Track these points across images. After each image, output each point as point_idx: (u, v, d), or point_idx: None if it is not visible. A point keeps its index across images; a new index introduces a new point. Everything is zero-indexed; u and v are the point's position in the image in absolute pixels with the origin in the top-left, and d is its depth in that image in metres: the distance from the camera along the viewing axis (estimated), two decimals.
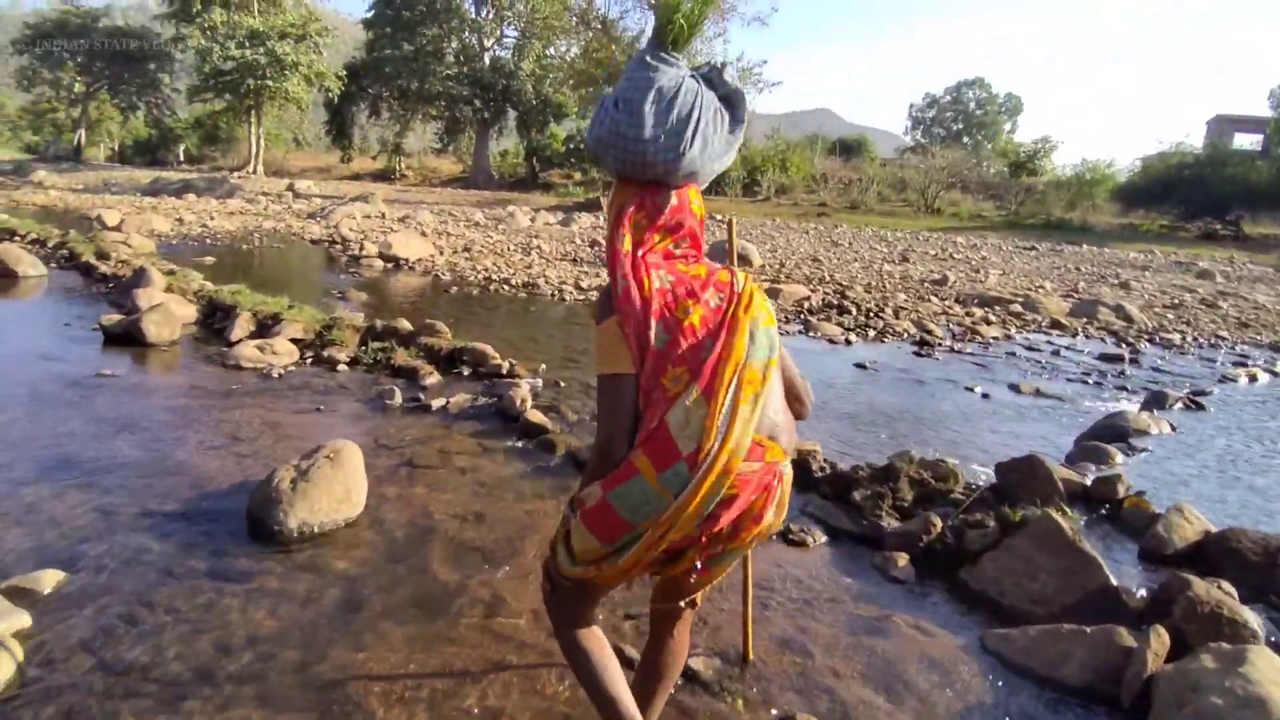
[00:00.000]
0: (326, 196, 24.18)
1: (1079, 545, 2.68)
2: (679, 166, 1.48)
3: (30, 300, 7.12)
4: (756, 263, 12.80)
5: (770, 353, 1.45)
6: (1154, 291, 12.73)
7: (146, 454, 3.49)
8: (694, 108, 1.47)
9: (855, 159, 41.39)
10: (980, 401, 5.54)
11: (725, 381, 1.37)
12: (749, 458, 1.38)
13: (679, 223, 1.53)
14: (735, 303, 1.45)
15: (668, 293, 1.44)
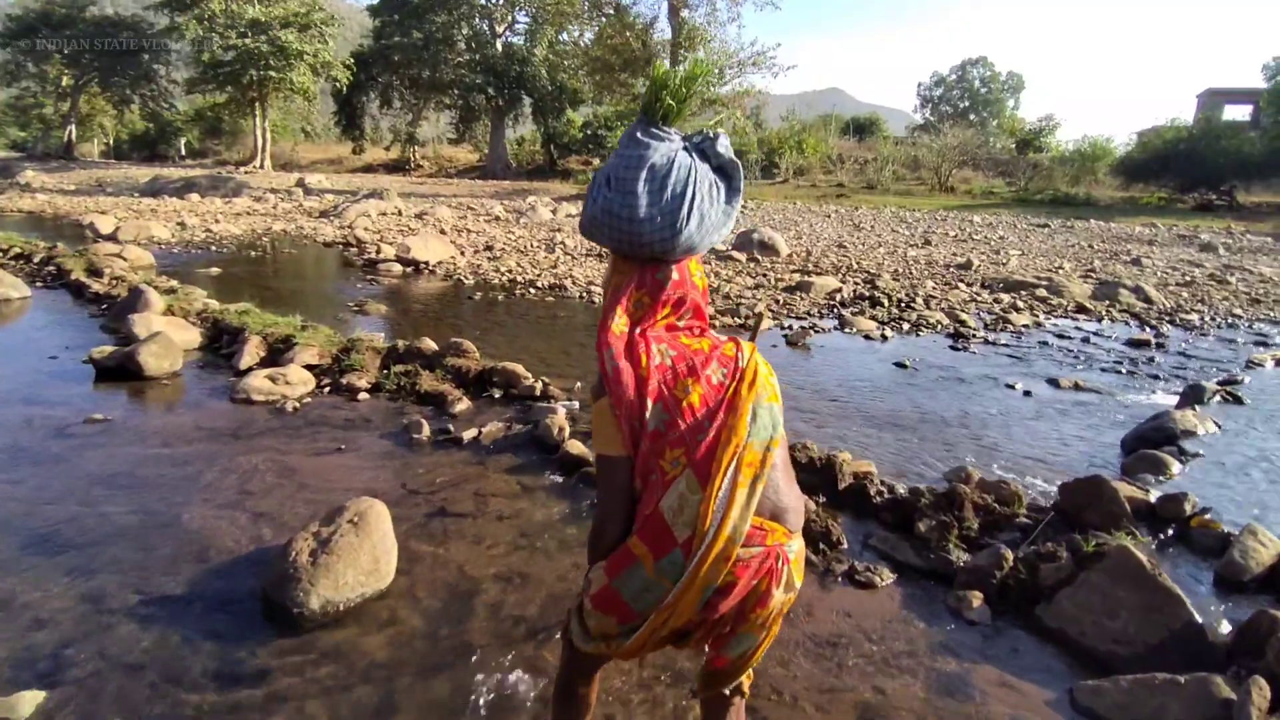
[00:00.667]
0: (339, 192, 23.68)
1: (1160, 580, 2.52)
2: (676, 244, 1.44)
3: (11, 328, 6.42)
4: (784, 252, 12.38)
5: (773, 431, 1.41)
6: (1165, 269, 12.78)
7: (143, 520, 3.06)
8: (688, 184, 1.44)
9: (869, 138, 41.05)
10: (1023, 400, 5.44)
11: (723, 465, 1.33)
12: (748, 542, 1.35)
13: (682, 297, 1.50)
14: (739, 379, 1.42)
15: (668, 369, 1.41)
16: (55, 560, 2.75)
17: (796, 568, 1.44)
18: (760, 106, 36.88)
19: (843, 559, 2.98)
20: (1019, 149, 37.63)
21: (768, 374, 1.47)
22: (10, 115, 46.95)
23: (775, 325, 7.53)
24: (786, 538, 1.41)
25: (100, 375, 4.87)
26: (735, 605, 1.38)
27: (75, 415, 4.18)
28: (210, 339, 5.81)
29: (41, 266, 8.71)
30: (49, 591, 2.56)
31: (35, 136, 46.58)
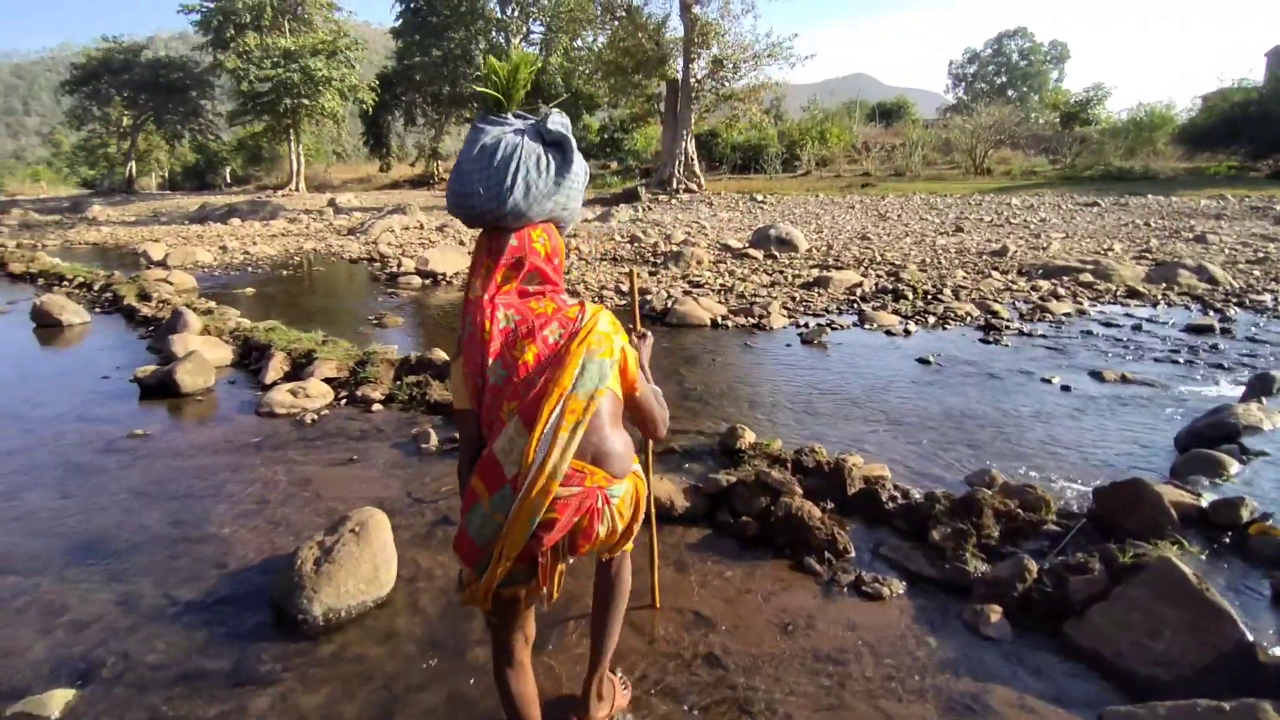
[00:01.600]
0: (366, 209, 24.29)
1: (1206, 595, 2.27)
2: (504, 212, 1.62)
3: (72, 351, 7.04)
4: (803, 247, 12.23)
5: (599, 383, 1.55)
6: (1234, 244, 11.91)
7: (173, 528, 3.30)
8: (512, 159, 1.61)
9: (897, 123, 40.09)
10: (1061, 396, 5.08)
11: (546, 411, 1.49)
12: (567, 482, 1.51)
13: (519, 260, 1.64)
14: (571, 338, 1.57)
15: (510, 331, 1.58)
16: (95, 567, 2.99)
17: (620, 510, 1.64)
18: (780, 98, 36.50)
19: (849, 569, 2.85)
20: (1063, 123, 35.46)
21: (610, 332, 1.62)
22: (80, 156, 50.15)
23: (790, 323, 7.44)
24: (607, 481, 1.59)
25: (144, 393, 5.26)
26: (560, 539, 1.55)
27: (121, 431, 4.53)
28: (241, 355, 6.14)
29: (100, 293, 9.41)
30: (88, 596, 2.77)
31: (102, 174, 49.47)
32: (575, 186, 1.73)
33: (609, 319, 1.66)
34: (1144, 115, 30.54)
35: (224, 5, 35.02)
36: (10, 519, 3.40)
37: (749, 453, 3.79)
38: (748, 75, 25.59)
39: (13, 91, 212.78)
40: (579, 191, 1.76)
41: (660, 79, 26.25)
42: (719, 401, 5.05)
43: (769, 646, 2.44)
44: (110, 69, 40.97)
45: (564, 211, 1.73)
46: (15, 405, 5.12)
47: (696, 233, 15.34)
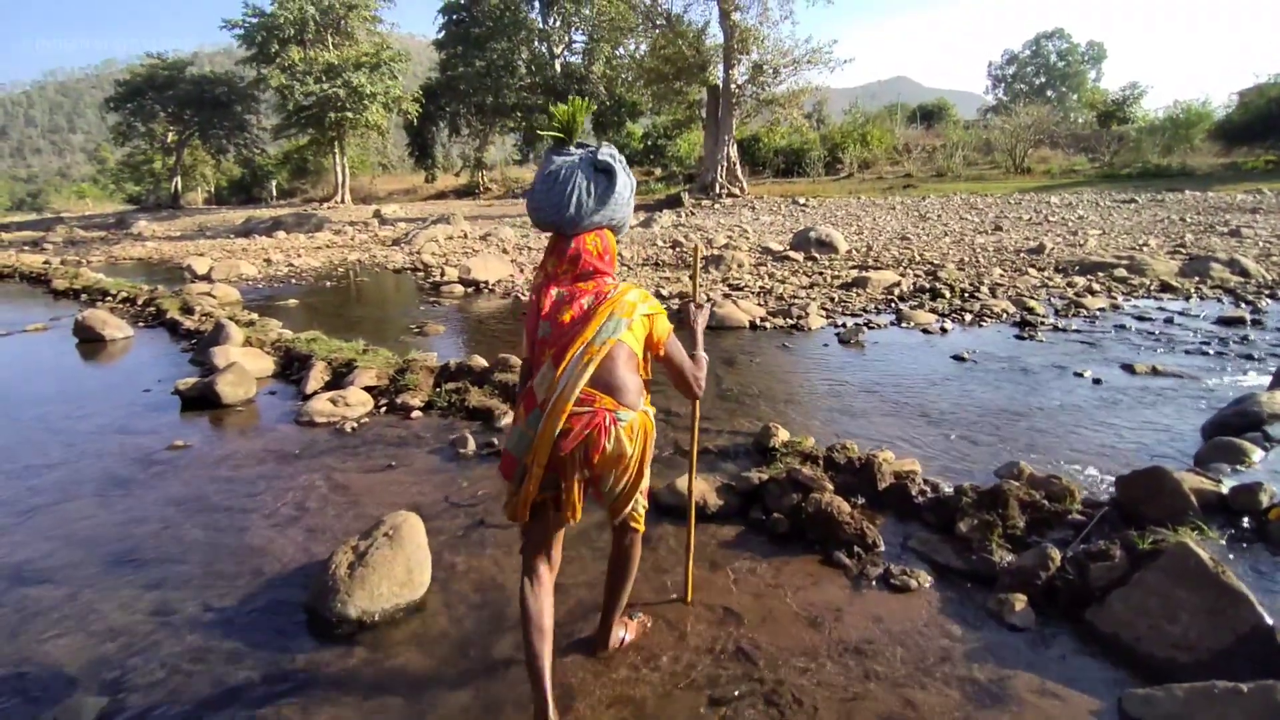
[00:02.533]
0: (410, 220, 24.73)
1: (1223, 579, 2.30)
2: (562, 221, 2.10)
3: (114, 365, 7.10)
4: (842, 249, 12.14)
5: (614, 334, 1.99)
6: (1269, 238, 11.78)
7: (211, 537, 3.34)
8: (569, 182, 2.09)
9: (937, 124, 39.69)
10: (1092, 389, 5.15)
11: (571, 352, 1.97)
12: (580, 404, 1.95)
13: (574, 257, 2.10)
14: (599, 303, 2.03)
15: (556, 301, 2.06)
16: (133, 576, 3.03)
17: (627, 431, 1.99)
18: (821, 103, 36.35)
19: (878, 562, 2.90)
20: (1101, 122, 35.56)
21: (635, 301, 2.07)
22: (126, 172, 51.29)
23: (828, 324, 7.38)
24: (615, 407, 1.98)
25: (185, 405, 5.31)
26: (576, 446, 1.95)
27: (161, 443, 4.58)
28: (282, 366, 6.20)
29: (144, 308, 9.51)
30: (125, 605, 2.82)
31: (148, 190, 50.69)
32: (620, 202, 2.16)
33: (639, 293, 2.10)
34: (1180, 113, 30.44)
35: (267, 20, 35.63)
36: (51, 530, 3.47)
37: (782, 450, 3.80)
38: (788, 80, 25.55)
39: (58, 109, 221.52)
40: (624, 204, 2.18)
41: (701, 85, 26.33)
42: (755, 401, 5.04)
43: (798, 639, 2.47)
44: (155, 85, 41.32)
45: (614, 220, 2.18)
46: (57, 419, 5.18)
47: (738, 236, 15.30)
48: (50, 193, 63.05)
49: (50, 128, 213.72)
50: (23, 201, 71.50)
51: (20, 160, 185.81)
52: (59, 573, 3.07)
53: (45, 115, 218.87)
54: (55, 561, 3.17)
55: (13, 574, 3.07)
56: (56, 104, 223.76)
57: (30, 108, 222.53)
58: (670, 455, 4.09)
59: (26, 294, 12.69)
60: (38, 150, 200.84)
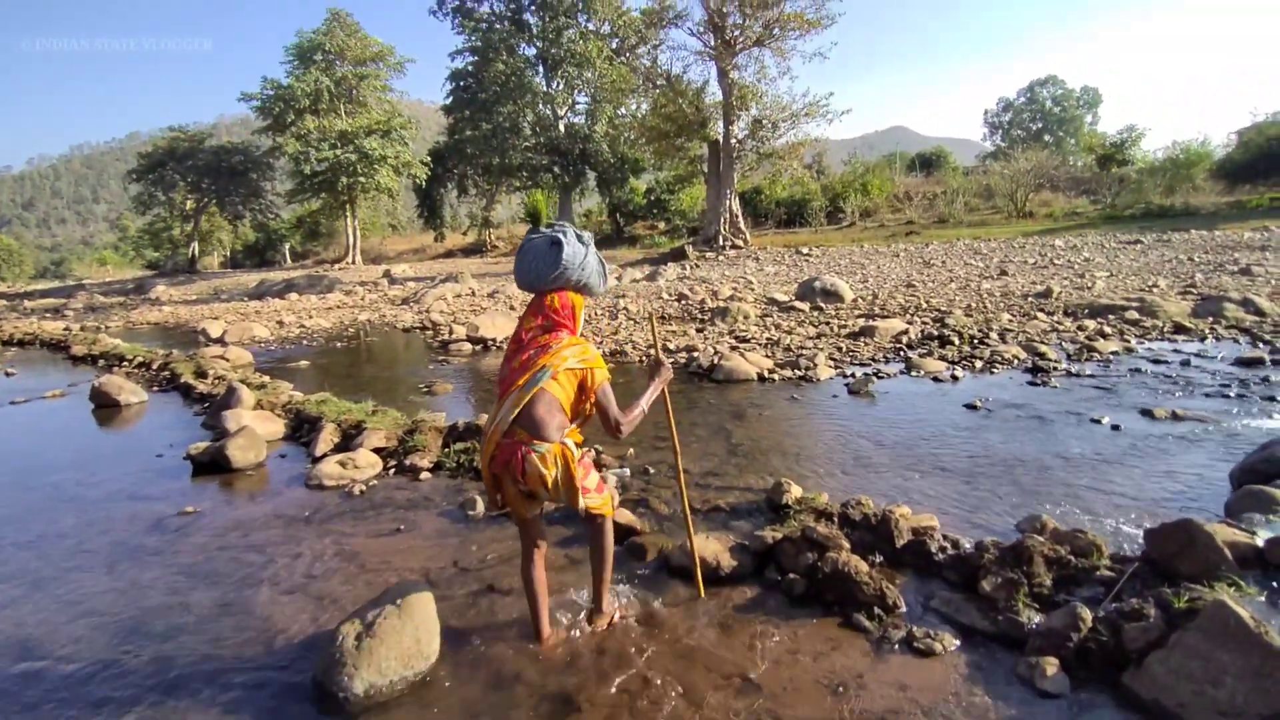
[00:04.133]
0: (419, 279, 25.14)
1: (1267, 639, 2.18)
2: (531, 283, 2.74)
3: (127, 430, 7.10)
4: (848, 297, 12.17)
5: (538, 383, 2.55)
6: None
7: (218, 607, 3.29)
8: (532, 254, 2.71)
9: (937, 171, 40.31)
10: (1111, 435, 5.02)
11: (506, 397, 2.58)
12: (505, 436, 2.56)
13: (541, 311, 2.70)
14: (542, 354, 2.60)
15: (512, 352, 2.70)
16: (138, 649, 2.98)
17: (540, 459, 2.51)
18: (820, 154, 37.07)
19: (900, 624, 2.79)
20: (1100, 165, 35.94)
21: (569, 355, 2.60)
22: (146, 239, 52.86)
23: (837, 374, 7.35)
24: (530, 440, 2.52)
25: (197, 470, 5.32)
26: (503, 468, 2.57)
27: (171, 509, 4.58)
28: (293, 428, 6.22)
29: (159, 372, 9.62)
30: (129, 680, 2.77)
31: (166, 255, 52.06)
32: (571, 266, 2.67)
33: (576, 350, 2.63)
34: (1180, 153, 30.79)
35: (284, 92, 37.12)
36: (57, 602, 3.44)
37: (795, 508, 3.73)
38: (787, 134, 26.06)
39: (83, 181, 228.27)
40: (576, 268, 2.69)
41: (702, 141, 26.93)
42: (766, 457, 4.98)
43: (819, 710, 2.38)
44: (175, 156, 42.98)
45: (574, 281, 2.72)
46: (70, 487, 5.19)
47: (743, 288, 15.41)
48: (73, 261, 64.66)
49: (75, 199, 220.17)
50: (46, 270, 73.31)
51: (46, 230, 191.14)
52: (65, 647, 3.02)
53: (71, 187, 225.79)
54: (61, 635, 3.12)
55: (19, 647, 3.03)
56: (82, 176, 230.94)
57: (57, 180, 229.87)
58: (680, 514, 4.01)
59: (47, 360, 12.88)
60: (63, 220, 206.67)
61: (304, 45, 38.48)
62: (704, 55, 25.71)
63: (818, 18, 24.20)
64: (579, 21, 37.47)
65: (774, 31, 24.63)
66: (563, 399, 2.59)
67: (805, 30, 24.44)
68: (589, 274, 2.74)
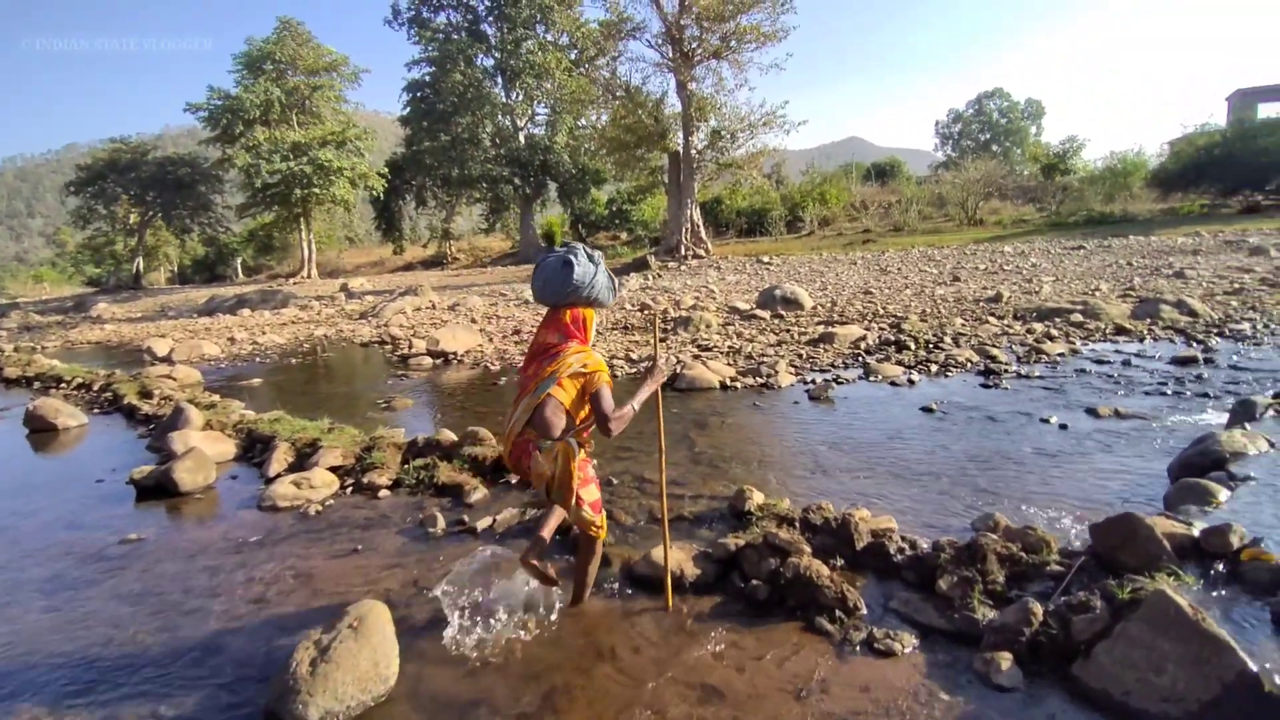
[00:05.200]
0: (378, 292, 24.72)
1: (1204, 627, 2.28)
2: (546, 299, 3.05)
3: (66, 455, 6.74)
4: (808, 305, 12.34)
5: (544, 390, 2.85)
6: (1211, 278, 12.32)
7: (165, 638, 3.15)
8: (547, 272, 2.99)
9: (891, 181, 41.25)
10: (1059, 434, 5.22)
11: (521, 402, 2.93)
12: (519, 435, 2.88)
13: (557, 324, 3.01)
14: (551, 361, 2.91)
15: (529, 361, 3.03)
16: (80, 686, 2.84)
17: (546, 455, 2.77)
18: (779, 164, 37.62)
19: (861, 626, 2.84)
20: (1045, 174, 37.26)
21: (574, 363, 2.88)
22: (86, 255, 50.57)
23: (798, 381, 7.43)
24: (535, 438, 2.82)
25: (140, 495, 5.10)
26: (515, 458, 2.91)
27: (113, 537, 4.37)
28: (245, 449, 6.03)
29: (100, 394, 9.17)
30: None
31: (108, 271, 49.95)
32: (582, 284, 2.95)
33: (580, 358, 2.90)
34: (1118, 163, 32.10)
35: (232, 103, 36.20)
36: None
37: (757, 514, 3.76)
38: (745, 144, 26.34)
39: (16, 194, 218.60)
40: (587, 285, 2.97)
41: (662, 151, 27.08)
42: (728, 464, 5.00)
43: (783, 715, 2.40)
44: (117, 168, 41.15)
45: (584, 297, 3.00)
46: (2, 517, 4.90)
47: (705, 297, 15.50)
48: (6, 278, 61.70)
49: (9, 213, 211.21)
50: None
51: None
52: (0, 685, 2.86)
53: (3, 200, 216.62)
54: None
55: None
56: (15, 189, 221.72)
57: None
58: (644, 524, 4.01)
59: None
60: None
61: (253, 54, 37.63)
62: (662, 67, 25.89)
63: (773, 31, 24.58)
64: (537, 33, 37.46)
65: (731, 44, 24.93)
66: (567, 403, 2.86)
67: (761, 43, 24.80)
68: (599, 290, 3.02)
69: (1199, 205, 27.59)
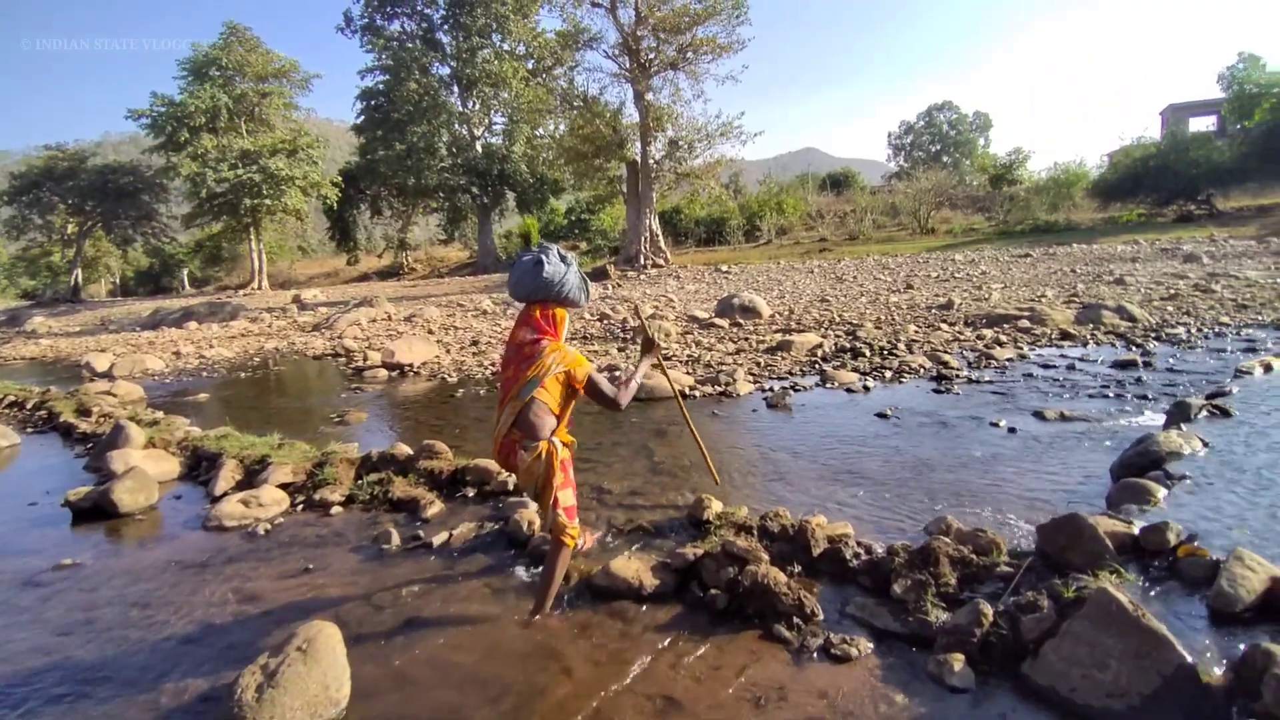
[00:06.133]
0: (332, 304, 24.21)
1: (1144, 622, 2.35)
2: (521, 296, 3.25)
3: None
4: (766, 313, 12.48)
5: (529, 393, 3.04)
6: (1148, 284, 12.81)
7: (100, 671, 2.99)
8: (521, 270, 3.22)
9: (846, 190, 42.12)
10: (1008, 438, 5.34)
11: (504, 404, 3.12)
12: (506, 436, 3.08)
13: (528, 320, 3.19)
14: (529, 364, 3.07)
15: (506, 361, 3.22)
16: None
17: (531, 453, 2.98)
18: (737, 174, 38.14)
19: (818, 632, 2.84)
20: (993, 184, 38.49)
21: (553, 363, 3.07)
22: (20, 266, 48.42)
23: (756, 389, 7.49)
24: (521, 438, 3.03)
25: (77, 517, 4.85)
26: (504, 456, 3.13)
27: (47, 562, 4.14)
28: (190, 467, 5.82)
29: (34, 412, 8.74)
30: None
31: (45, 284, 47.91)
32: (553, 282, 3.15)
33: (557, 356, 3.08)
34: (1061, 173, 33.29)
35: (176, 110, 35.13)
36: None
37: (716, 523, 3.76)
38: (703, 154, 26.64)
39: None
40: (558, 284, 3.16)
41: (621, 161, 27.20)
42: (687, 473, 5.00)
43: None
44: (53, 177, 39.64)
45: (555, 295, 3.18)
46: None
47: (664, 306, 15.56)
48: None
49: None
50: None
51: None
52: None
53: None
54: None
55: None
56: None
57: None
58: (603, 537, 3.98)
59: None
60: None
61: (198, 60, 36.71)
62: (620, 77, 26.05)
63: (729, 42, 24.96)
64: (493, 42, 37.32)
65: (687, 55, 25.23)
66: (551, 403, 3.07)
67: (718, 54, 25.15)
68: (569, 289, 3.21)
69: (1137, 214, 28.80)
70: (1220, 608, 2.64)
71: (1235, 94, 31.16)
